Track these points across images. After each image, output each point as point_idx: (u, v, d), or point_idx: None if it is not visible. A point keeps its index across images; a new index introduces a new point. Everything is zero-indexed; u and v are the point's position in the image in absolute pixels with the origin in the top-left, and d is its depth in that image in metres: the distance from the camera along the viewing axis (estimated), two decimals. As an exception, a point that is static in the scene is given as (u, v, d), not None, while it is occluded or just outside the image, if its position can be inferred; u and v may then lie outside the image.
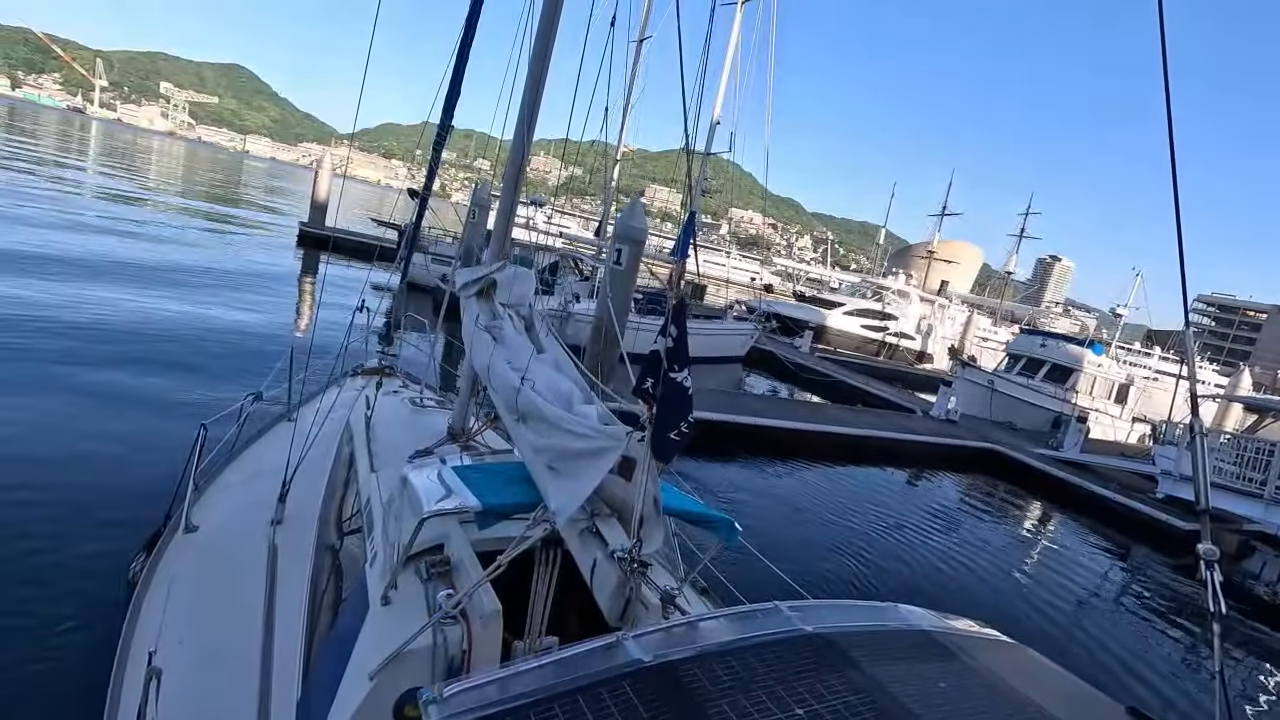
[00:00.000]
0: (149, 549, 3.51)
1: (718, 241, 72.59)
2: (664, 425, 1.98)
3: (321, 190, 23.67)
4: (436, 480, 2.35)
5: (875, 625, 1.73)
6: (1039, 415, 19.01)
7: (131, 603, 3.04)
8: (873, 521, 9.36)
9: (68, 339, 9.27)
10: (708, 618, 1.70)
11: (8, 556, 4.54)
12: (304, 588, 2.78)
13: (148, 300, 12.27)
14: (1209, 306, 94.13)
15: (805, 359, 21.40)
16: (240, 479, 4.18)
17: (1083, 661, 6.63)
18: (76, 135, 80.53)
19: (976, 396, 18.47)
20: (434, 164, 4.42)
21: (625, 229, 10.93)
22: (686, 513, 2.45)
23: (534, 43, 3.55)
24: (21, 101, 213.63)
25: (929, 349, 32.10)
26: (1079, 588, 8.92)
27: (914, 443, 13.29)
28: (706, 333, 18.91)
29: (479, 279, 3.40)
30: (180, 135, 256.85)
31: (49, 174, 30.49)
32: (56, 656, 3.72)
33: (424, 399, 4.68)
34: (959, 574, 8.30)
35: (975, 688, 1.53)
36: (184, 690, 2.33)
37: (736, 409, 11.89)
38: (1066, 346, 20.38)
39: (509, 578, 2.09)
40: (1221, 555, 1.66)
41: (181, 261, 16.83)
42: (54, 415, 6.88)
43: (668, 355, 1.96)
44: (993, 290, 53.61)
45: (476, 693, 1.28)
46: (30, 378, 7.76)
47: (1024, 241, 47.42)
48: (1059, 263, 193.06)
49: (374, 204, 33.90)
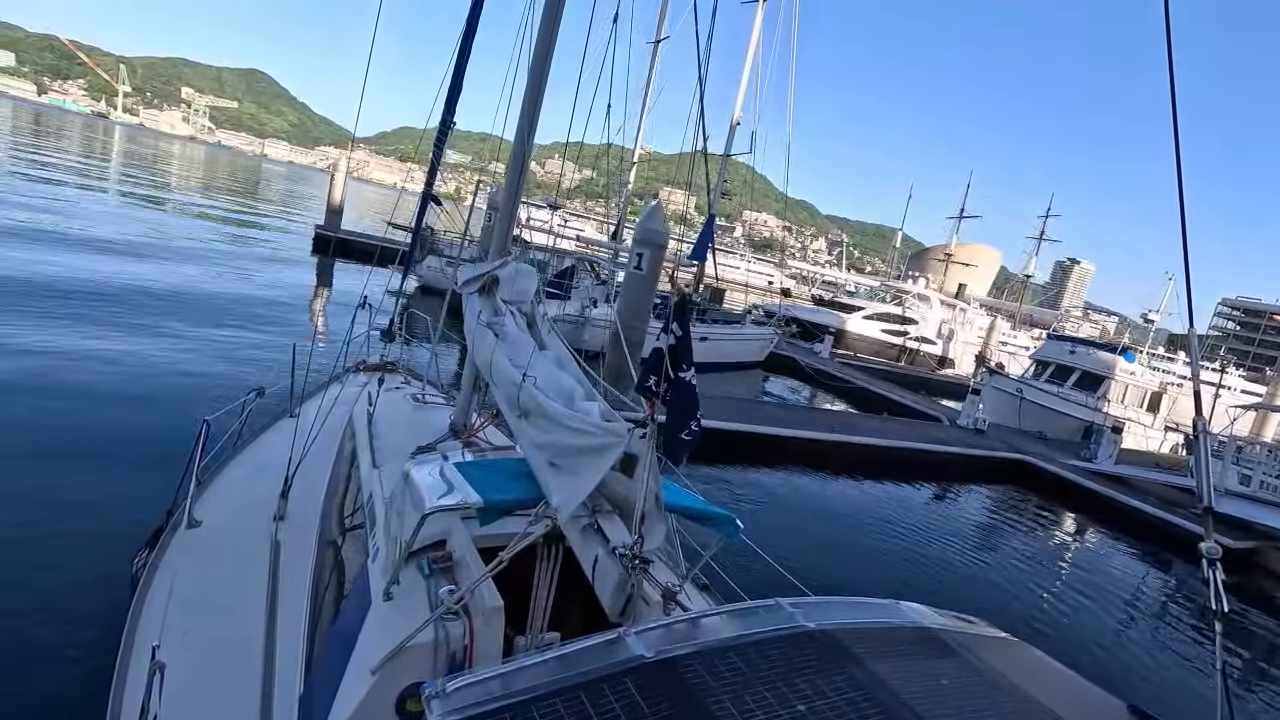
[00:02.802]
0: (152, 544, 3.50)
1: (731, 244, 72.14)
2: (674, 427, 1.94)
3: (336, 194, 23.62)
4: (439, 476, 2.36)
5: (877, 622, 1.72)
6: (1068, 424, 18.41)
7: (135, 597, 3.03)
8: (900, 535, 8.97)
9: (69, 330, 9.27)
10: (709, 614, 1.69)
11: (11, 552, 4.54)
12: (306, 583, 2.79)
13: (157, 295, 12.23)
14: (1234, 310, 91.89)
15: (826, 364, 20.93)
16: (243, 474, 4.19)
17: (1121, 680, 6.24)
18: (100, 141, 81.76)
19: (1004, 405, 17.91)
20: (435, 162, 4.38)
21: (646, 233, 10.58)
22: (688, 509, 2.42)
23: (535, 42, 3.56)
24: (47, 107, 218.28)
25: (950, 354, 31.46)
26: (1119, 606, 8.49)
27: (942, 454, 12.83)
28: (724, 338, 18.53)
29: (481, 275, 3.41)
30: (200, 139, 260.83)
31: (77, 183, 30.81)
32: (60, 651, 3.73)
33: (426, 395, 4.68)
34: (994, 592, 7.90)
35: (977, 684, 1.52)
36: (187, 684, 2.32)
37: (757, 418, 11.52)
38: (1097, 353, 19.74)
39: (511, 573, 2.07)
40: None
41: (193, 263, 16.80)
42: (57, 410, 6.88)
43: (671, 354, 1.93)
44: (1011, 294, 52.66)
45: (479, 687, 1.28)
46: (32, 371, 7.73)
47: (1042, 244, 46.46)
48: (1078, 265, 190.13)
49: (390, 207, 33.85)
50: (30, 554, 4.55)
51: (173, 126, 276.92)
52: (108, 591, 3.80)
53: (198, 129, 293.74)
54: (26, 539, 4.72)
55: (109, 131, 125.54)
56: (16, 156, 34.08)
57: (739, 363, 19.21)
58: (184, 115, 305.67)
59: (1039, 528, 11.47)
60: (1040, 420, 18.09)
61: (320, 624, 2.53)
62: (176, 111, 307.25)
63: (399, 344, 5.47)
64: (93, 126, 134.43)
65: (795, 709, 1.29)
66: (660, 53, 19.75)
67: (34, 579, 4.34)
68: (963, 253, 53.12)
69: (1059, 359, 19.98)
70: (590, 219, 35.18)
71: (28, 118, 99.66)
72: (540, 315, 3.39)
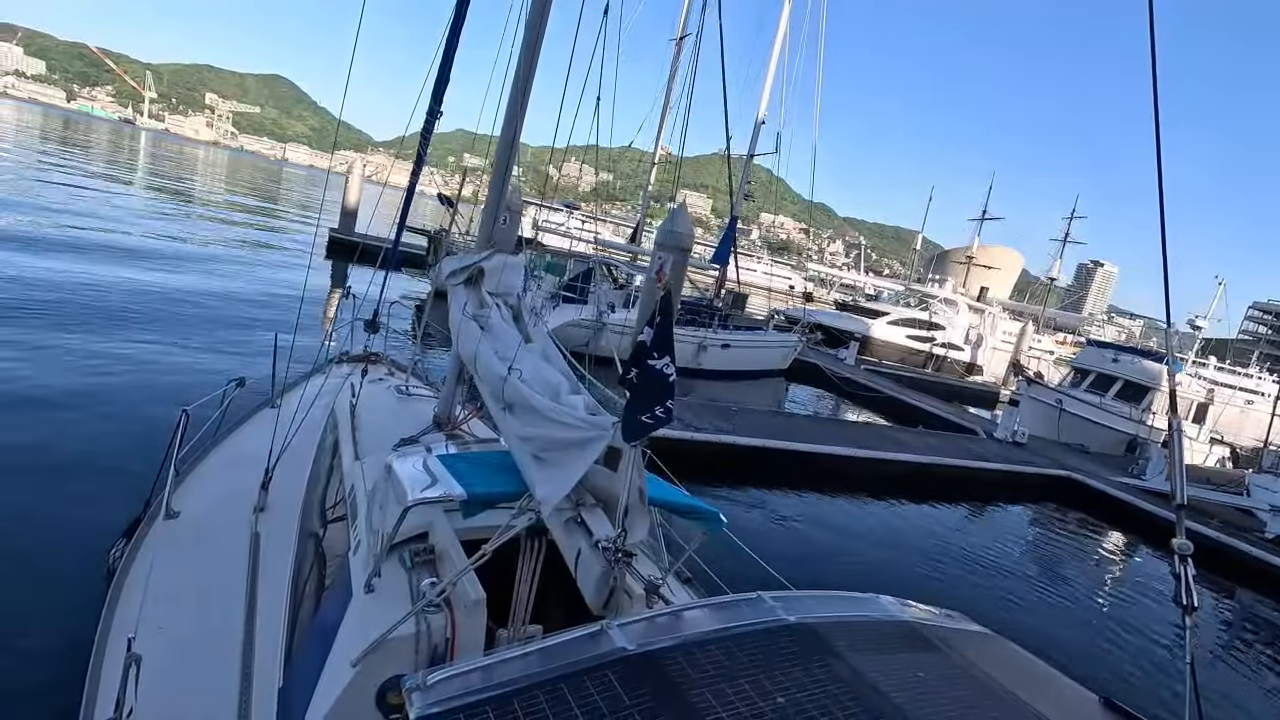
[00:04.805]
0: (129, 535, 3.45)
1: (748, 247, 71.32)
2: (639, 408, 1.96)
3: (352, 196, 23.31)
4: (422, 468, 2.34)
5: (856, 616, 1.74)
6: (1110, 437, 17.48)
7: (111, 589, 3.00)
8: (950, 562, 8.27)
9: (48, 318, 9.05)
10: (691, 607, 1.69)
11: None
12: (286, 575, 2.76)
13: (146, 286, 11.96)
14: (1265, 314, 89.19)
15: (852, 372, 20.15)
16: (222, 465, 4.14)
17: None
18: (127, 146, 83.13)
19: (1042, 416, 17.04)
20: (421, 153, 4.29)
21: (670, 236, 9.86)
22: (672, 503, 2.46)
23: (523, 35, 3.55)
24: (75, 113, 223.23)
25: (978, 360, 30.46)
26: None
27: (984, 470, 12.06)
28: (747, 345, 17.86)
29: (466, 267, 3.39)
30: (224, 144, 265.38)
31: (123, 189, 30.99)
32: (34, 644, 3.65)
33: (410, 387, 4.65)
34: (1080, 630, 7.20)
35: (953, 677, 1.55)
36: (164, 677, 2.29)
37: (787, 434, 10.85)
38: (1142, 362, 18.76)
39: (493, 566, 2.07)
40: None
41: (200, 263, 16.52)
42: (32, 398, 6.74)
43: (651, 343, 1.96)
44: (1034, 297, 51.30)
45: (460, 680, 1.28)
46: (6, 359, 7.53)
47: (1066, 246, 45.28)
48: (1101, 268, 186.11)
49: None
50: (3, 545, 4.43)
51: (196, 132, 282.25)
52: (83, 583, 3.74)
53: (221, 134, 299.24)
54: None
55: (135, 137, 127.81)
56: (42, 163, 34.42)
57: (760, 371, 18.53)
58: (208, 121, 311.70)
59: (1090, 550, 10.67)
60: (1080, 432, 17.17)
61: (300, 616, 2.50)
62: (201, 117, 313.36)
63: (383, 335, 5.34)
64: (120, 132, 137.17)
65: (775, 701, 1.30)
66: (684, 50, 19.12)
67: (7, 571, 4.22)
68: (984, 255, 51.91)
69: (1100, 367, 19.00)
70: (607, 221, 34.66)
71: (57, 124, 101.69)
72: (526, 308, 3.37)
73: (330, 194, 28.56)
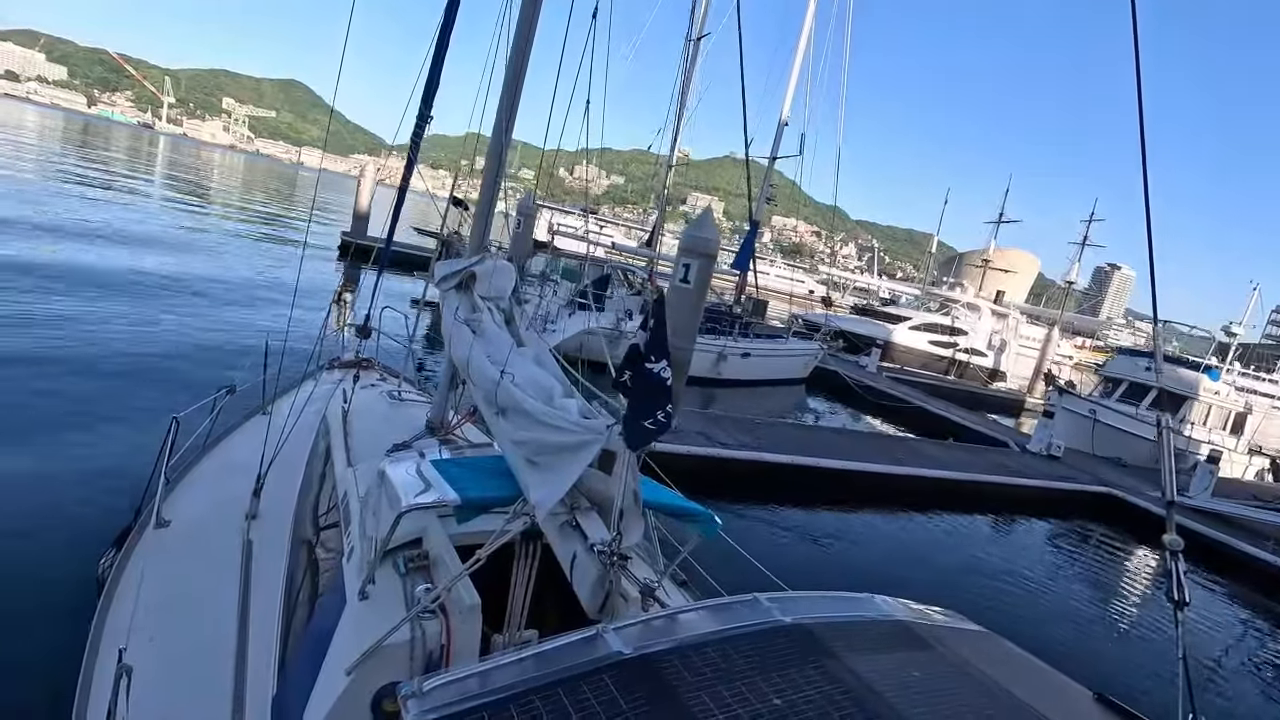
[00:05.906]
0: (119, 545, 3.41)
1: (761, 250, 70.70)
2: (639, 414, 1.91)
3: (364, 200, 23.08)
4: (415, 474, 2.33)
5: (852, 616, 1.74)
6: (1144, 449, 16.77)
7: (101, 600, 2.96)
8: (996, 590, 7.76)
9: (35, 328, 8.90)
10: (687, 610, 1.68)
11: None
12: (279, 583, 2.73)
13: (138, 298, 11.63)
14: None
15: (874, 380, 19.55)
16: (213, 473, 4.10)
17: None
18: (146, 149, 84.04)
19: (1075, 427, 16.38)
20: (412, 155, 4.26)
21: (695, 241, 9.43)
22: (667, 506, 2.45)
23: (512, 38, 3.54)
24: (96, 118, 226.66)
25: (1002, 366, 29.72)
26: (1247, 670, 7.17)
27: (1022, 488, 11.50)
28: (767, 353, 17.34)
29: (457, 272, 3.37)
30: (240, 148, 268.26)
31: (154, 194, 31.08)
32: (22, 656, 3.55)
33: (402, 392, 4.63)
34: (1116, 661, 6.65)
35: (948, 675, 1.55)
36: (155, 688, 2.27)
37: (813, 449, 10.36)
38: (1178, 370, 18.04)
39: (488, 571, 2.04)
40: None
41: (209, 263, 16.29)
42: (20, 406, 6.60)
43: (645, 347, 1.93)
44: (1050, 300, 50.30)
45: (456, 686, 1.27)
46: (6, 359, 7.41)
47: (1085, 249, 44.26)
48: (1118, 271, 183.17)
49: (419, 214, 33.59)
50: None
51: (213, 136, 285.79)
52: (73, 594, 3.67)
53: (237, 138, 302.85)
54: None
55: (154, 141, 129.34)
56: (61, 168, 34.62)
57: (779, 380, 18.01)
58: (225, 125, 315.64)
59: (1142, 576, 10.08)
60: (1114, 444, 16.50)
61: (294, 624, 2.47)
62: (218, 121, 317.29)
63: (374, 340, 5.22)
64: (139, 136, 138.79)
65: (771, 703, 1.30)
66: (704, 50, 18.67)
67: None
68: (1001, 258, 50.93)
69: (1133, 376, 18.28)
70: (620, 225, 34.21)
71: (77, 128, 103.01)
72: (519, 313, 3.39)
73: (342, 197, 28.42)
